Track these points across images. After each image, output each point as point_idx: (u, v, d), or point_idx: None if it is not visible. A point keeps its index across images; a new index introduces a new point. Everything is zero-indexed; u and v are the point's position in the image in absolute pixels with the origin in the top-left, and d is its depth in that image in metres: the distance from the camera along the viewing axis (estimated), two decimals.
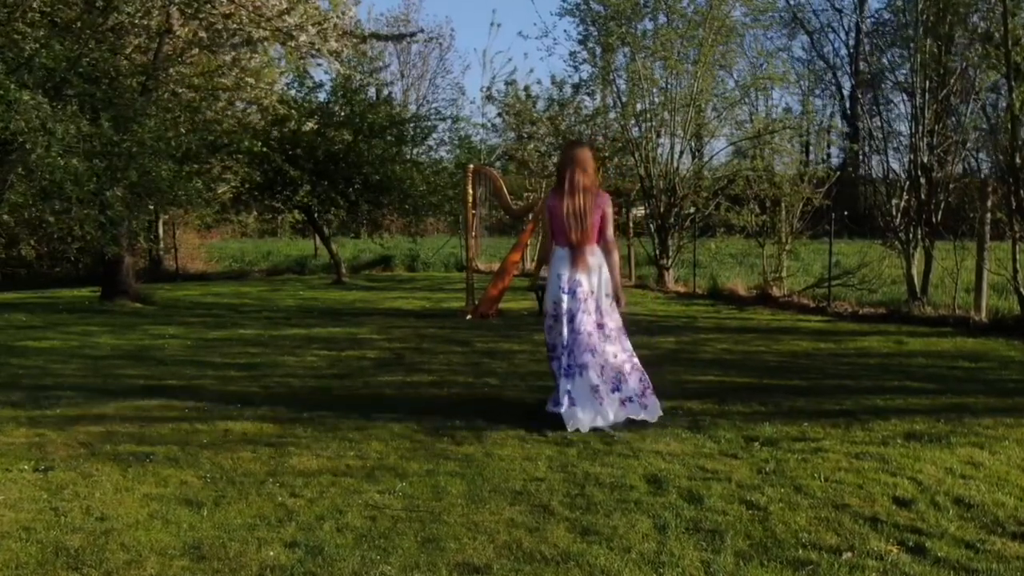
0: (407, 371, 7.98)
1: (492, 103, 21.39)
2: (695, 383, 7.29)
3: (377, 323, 11.81)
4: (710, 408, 6.31)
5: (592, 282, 5.98)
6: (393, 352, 9.17)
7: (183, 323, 11.99)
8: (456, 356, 8.88)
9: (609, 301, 6.08)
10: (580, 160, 6.03)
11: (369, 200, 19.67)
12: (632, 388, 5.97)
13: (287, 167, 18.24)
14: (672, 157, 16.61)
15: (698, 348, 9.37)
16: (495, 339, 10.14)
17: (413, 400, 6.68)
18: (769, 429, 5.62)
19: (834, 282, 13.27)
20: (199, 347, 9.75)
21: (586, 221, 5.94)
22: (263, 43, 15.52)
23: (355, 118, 19.47)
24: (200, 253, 28.85)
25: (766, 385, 7.16)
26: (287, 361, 8.71)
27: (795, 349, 9.21)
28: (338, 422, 5.97)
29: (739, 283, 15.21)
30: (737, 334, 10.44)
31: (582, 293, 5.94)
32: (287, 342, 10.06)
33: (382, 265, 25.81)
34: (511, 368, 8.12)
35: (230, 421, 6.03)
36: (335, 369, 8.22)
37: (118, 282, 14.35)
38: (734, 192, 15.97)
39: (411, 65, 52.98)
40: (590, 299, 5.97)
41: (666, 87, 16.63)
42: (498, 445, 5.30)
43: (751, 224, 15.17)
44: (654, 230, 17.20)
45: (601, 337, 5.99)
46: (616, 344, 6.06)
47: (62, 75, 9.25)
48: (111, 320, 12.44)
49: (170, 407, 6.54)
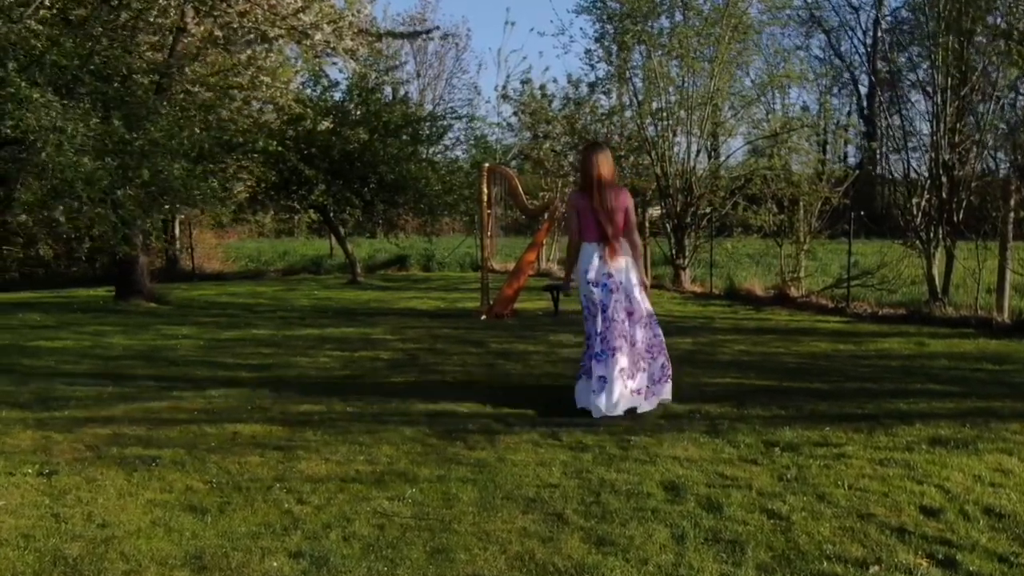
0: (420, 372, 7.86)
1: (507, 102, 21.27)
2: (713, 385, 7.14)
3: (391, 323, 11.70)
4: (729, 411, 6.16)
5: (621, 272, 6.38)
6: (407, 353, 9.06)
7: (197, 323, 11.92)
8: (470, 357, 8.76)
9: (638, 290, 6.49)
10: (602, 160, 6.43)
11: (384, 200, 19.60)
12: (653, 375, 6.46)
13: (302, 166, 18.17)
14: (689, 156, 16.45)
15: (716, 349, 9.22)
16: (510, 340, 10.01)
17: (425, 402, 6.56)
18: (790, 434, 5.48)
19: (853, 282, 13.09)
20: (212, 347, 9.66)
21: (613, 217, 6.34)
22: (278, 41, 15.46)
23: (371, 117, 19.41)
24: (217, 253, 28.87)
25: (786, 388, 7.01)
26: (300, 362, 8.61)
27: (814, 351, 9.05)
28: (349, 425, 5.85)
29: (756, 283, 15.04)
30: (755, 335, 10.28)
31: (613, 284, 6.34)
32: (300, 343, 9.96)
33: (397, 265, 25.73)
34: (526, 369, 7.99)
35: (239, 424, 5.92)
36: (348, 370, 8.11)
37: (133, 282, 14.31)
38: (751, 191, 15.80)
39: (427, 65, 53.00)
40: (620, 290, 6.36)
41: (682, 85, 16.47)
42: (511, 450, 5.17)
43: (768, 224, 15.00)
44: (670, 230, 17.04)
45: (631, 324, 6.40)
46: (647, 330, 6.51)
47: (74, 73, 9.17)
48: (125, 320, 12.38)
49: (179, 409, 6.44)
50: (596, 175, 6.38)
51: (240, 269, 26.80)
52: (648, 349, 6.49)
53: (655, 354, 6.51)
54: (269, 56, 16.23)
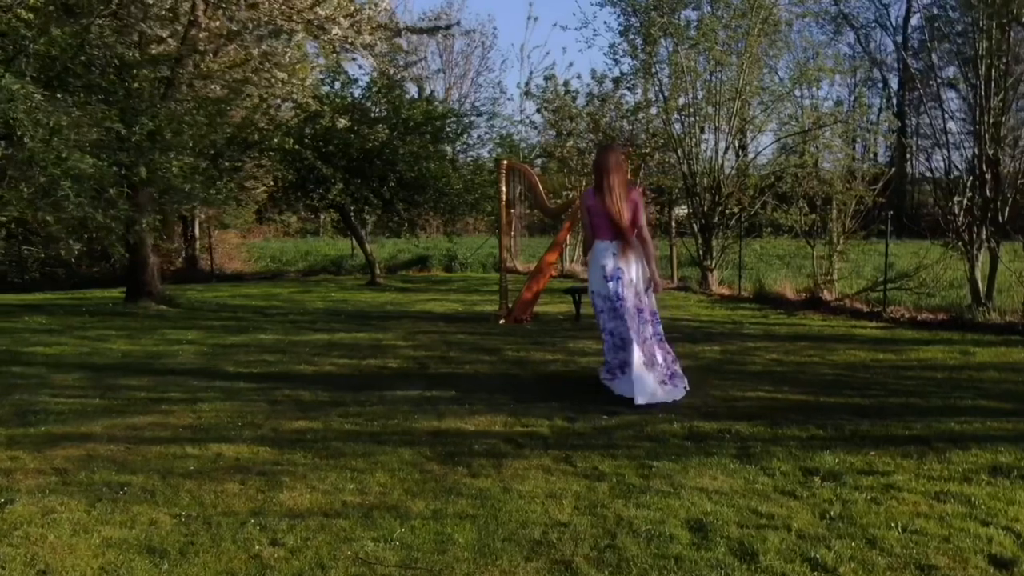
0: (428, 384, 7.34)
1: (531, 99, 20.73)
2: (744, 400, 6.58)
3: (405, 328, 11.20)
4: (761, 432, 5.60)
5: (632, 271, 6.74)
6: (416, 361, 8.53)
7: (204, 327, 11.47)
8: (483, 366, 8.23)
9: (646, 288, 6.84)
10: (613, 161, 6.77)
11: (404, 199, 19.10)
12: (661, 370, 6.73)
13: (319, 164, 17.73)
14: (716, 154, 15.85)
15: (745, 358, 8.64)
16: (527, 347, 9.48)
17: (430, 418, 6.03)
18: (830, 459, 4.91)
19: (890, 285, 12.46)
20: (214, 354, 9.19)
21: (623, 216, 6.68)
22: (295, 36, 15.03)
23: (391, 114, 18.96)
24: (239, 253, 28.58)
25: (823, 404, 6.43)
26: (302, 371, 8.11)
27: (852, 360, 8.46)
28: (343, 446, 5.34)
29: (787, 286, 14.44)
30: (787, 342, 9.70)
31: (625, 280, 6.70)
32: (306, 349, 9.47)
33: (419, 265, 25.28)
34: (541, 382, 7.44)
35: (225, 443, 5.42)
36: (352, 380, 7.60)
37: (143, 284, 13.89)
38: (781, 190, 15.18)
39: (454, 63, 52.56)
40: (630, 285, 6.72)
41: (710, 80, 15.88)
42: (519, 478, 4.64)
43: (800, 224, 14.39)
44: (697, 230, 16.46)
45: (641, 321, 6.75)
46: (650, 327, 6.84)
47: (66, 64, 8.69)
48: (131, 323, 11.95)
49: (164, 425, 5.95)
50: (607, 175, 6.70)
51: (261, 269, 26.46)
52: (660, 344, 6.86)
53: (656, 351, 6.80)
54: (287, 52, 15.81)
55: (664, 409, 6.25)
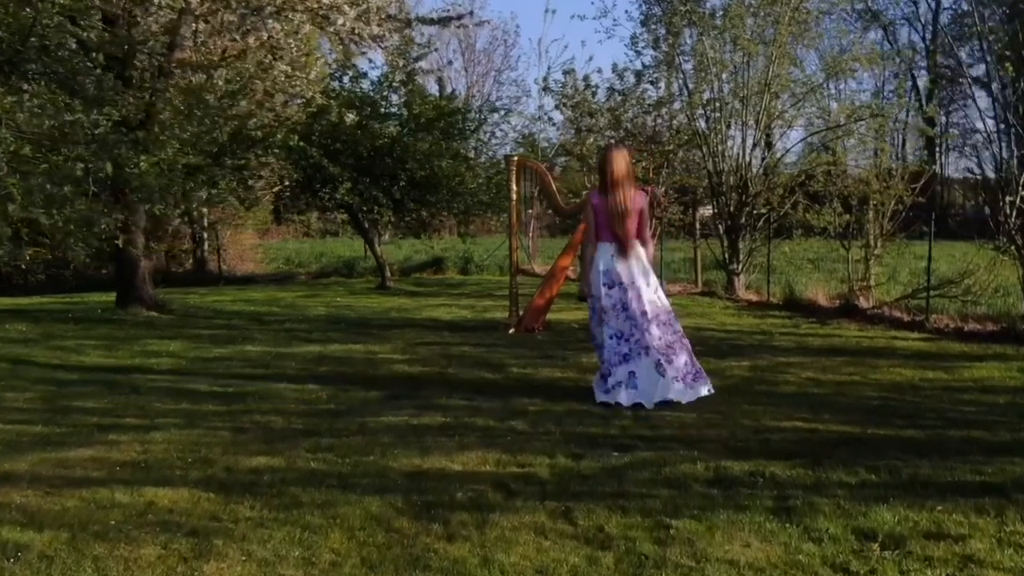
0: (418, 408, 6.47)
1: (549, 94, 19.84)
2: (778, 432, 5.67)
3: (405, 338, 10.35)
4: (801, 475, 4.70)
5: (633, 272, 6.63)
6: (409, 380, 7.64)
7: (191, 336, 10.67)
8: (483, 386, 7.35)
9: (652, 289, 6.71)
10: (619, 161, 6.65)
11: (415, 199, 18.24)
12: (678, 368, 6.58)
13: (326, 163, 16.92)
14: (744, 150, 14.91)
15: (777, 377, 7.73)
16: (535, 361, 8.60)
17: (412, 454, 5.17)
18: (889, 517, 4.01)
19: (933, 292, 11.49)
20: (190, 369, 8.37)
21: (626, 218, 6.58)
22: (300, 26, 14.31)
23: (401, 109, 18.17)
24: (254, 254, 27.93)
25: (871, 437, 5.52)
26: (282, 391, 7.26)
27: (897, 379, 7.53)
28: (301, 492, 4.48)
29: (819, 292, 13.48)
30: (823, 357, 8.76)
31: (626, 284, 6.60)
32: (293, 363, 8.64)
33: (433, 268, 24.43)
34: (546, 406, 6.54)
35: (164, 487, 4.58)
36: (333, 403, 6.76)
37: (133, 288, 13.10)
38: (813, 189, 14.22)
39: (475, 62, 51.72)
40: (632, 288, 6.60)
41: (737, 71, 14.94)
42: (504, 543, 3.76)
43: (833, 225, 13.42)
44: (723, 231, 15.53)
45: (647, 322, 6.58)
46: (663, 327, 6.67)
47: (16, 47, 7.87)
48: (115, 332, 11.17)
49: (102, 462, 5.11)
50: (612, 175, 6.59)
51: (272, 271, 25.76)
52: (669, 346, 6.64)
53: (677, 350, 6.66)
54: (292, 44, 15.07)
55: (686, 444, 5.35)
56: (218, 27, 13.69)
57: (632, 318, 6.58)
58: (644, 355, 6.52)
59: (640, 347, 6.54)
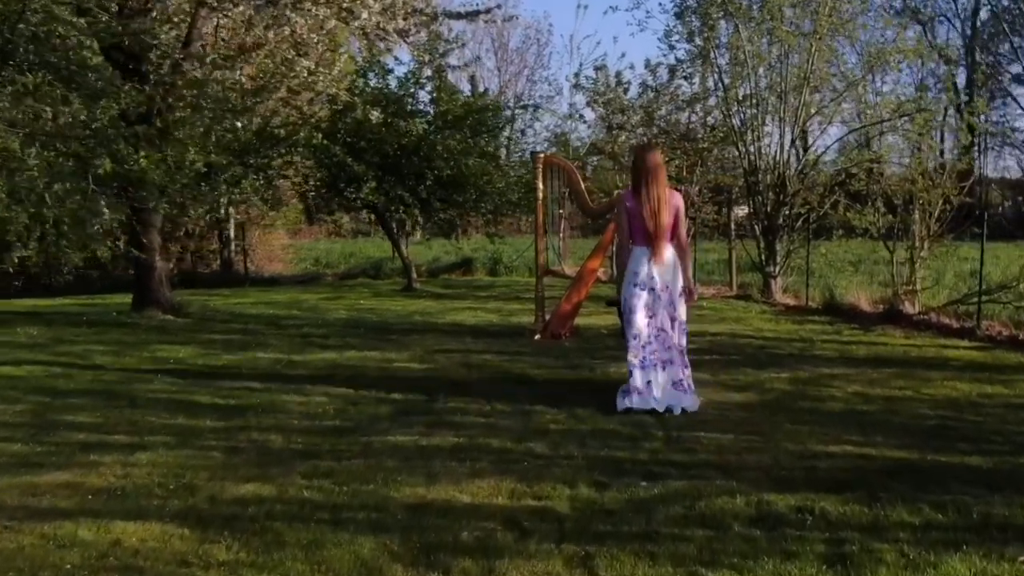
0: (429, 426, 5.95)
1: (581, 91, 19.30)
2: (826, 458, 5.09)
3: (425, 345, 9.85)
4: (856, 512, 4.13)
5: (667, 278, 6.43)
6: (424, 393, 7.11)
7: (203, 342, 10.22)
8: (502, 400, 6.80)
9: (681, 297, 6.50)
10: (653, 162, 6.45)
11: (441, 198, 17.71)
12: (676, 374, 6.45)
13: (350, 161, 16.45)
14: (782, 147, 14.27)
15: (822, 391, 7.14)
16: (559, 372, 8.06)
17: (416, 483, 4.65)
18: (962, 568, 3.45)
19: (985, 298, 10.82)
20: (195, 378, 7.90)
21: (662, 219, 6.35)
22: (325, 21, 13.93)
23: (428, 107, 17.70)
24: (284, 255, 27.61)
25: (932, 465, 4.93)
26: (287, 404, 6.77)
27: (953, 395, 6.92)
28: (287, 529, 3.98)
29: (861, 296, 12.83)
30: (870, 368, 8.16)
31: (658, 289, 6.40)
32: (305, 372, 8.15)
33: (462, 269, 23.92)
34: (569, 424, 6.01)
35: (136, 521, 4.09)
36: (340, 419, 6.26)
37: (149, 291, 12.68)
38: (855, 188, 13.55)
39: (508, 61, 51.25)
40: (665, 293, 6.41)
41: (775, 65, 14.31)
42: None
43: (876, 226, 12.76)
44: (759, 232, 14.90)
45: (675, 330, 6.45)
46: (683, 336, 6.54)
47: (6, 36, 7.42)
48: (125, 337, 10.75)
49: (75, 488, 4.64)
50: (646, 176, 6.39)
51: (299, 272, 25.38)
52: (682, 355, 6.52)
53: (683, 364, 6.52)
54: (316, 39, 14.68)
55: (723, 472, 4.79)
56: (237, 21, 13.29)
57: (660, 327, 6.44)
58: (662, 368, 6.41)
59: (659, 359, 6.41)
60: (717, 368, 8.11)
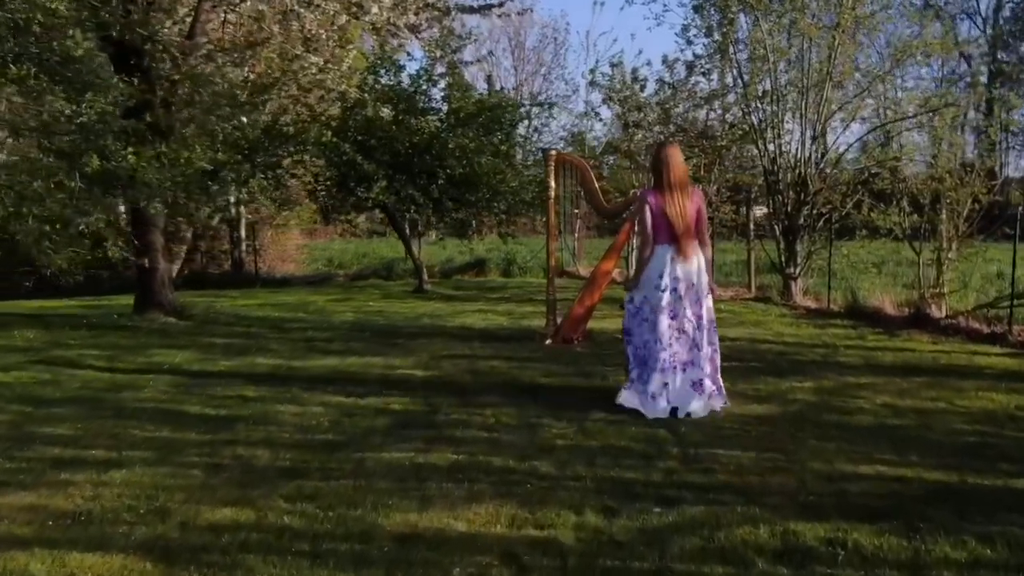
0: (428, 441, 5.55)
1: (596, 88, 18.87)
2: (857, 480, 4.66)
3: (432, 350, 9.46)
4: (893, 546, 3.71)
5: (691, 276, 6.28)
6: (425, 403, 6.72)
7: (202, 346, 9.87)
8: (507, 411, 6.41)
9: (705, 294, 6.35)
10: (675, 158, 6.34)
11: (453, 197, 17.30)
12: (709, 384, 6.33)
13: (360, 159, 16.07)
14: (803, 145, 13.80)
15: (848, 402, 6.70)
16: (570, 380, 7.65)
17: (408, 507, 4.26)
18: None
19: (1017, 301, 10.34)
20: (189, 385, 7.53)
21: (686, 216, 6.22)
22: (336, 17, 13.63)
23: (441, 104, 17.32)
24: (299, 255, 27.33)
25: (974, 489, 4.49)
26: (281, 414, 6.40)
27: (989, 407, 6.48)
28: (261, 563, 3.60)
29: (885, 299, 12.36)
30: (898, 376, 7.71)
31: (682, 289, 6.25)
32: (303, 379, 7.78)
33: (475, 270, 23.53)
34: (578, 440, 5.59)
35: (94, 553, 3.72)
36: (333, 432, 5.87)
37: (151, 293, 12.33)
38: (879, 187, 13.06)
39: (525, 60, 50.89)
40: (689, 292, 6.26)
41: (794, 62, 13.84)
42: None
43: (901, 226, 12.28)
44: (779, 232, 14.43)
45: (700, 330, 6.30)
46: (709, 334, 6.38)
47: None
48: (122, 340, 10.41)
49: (37, 511, 4.27)
50: (668, 173, 6.26)
51: (312, 272, 25.06)
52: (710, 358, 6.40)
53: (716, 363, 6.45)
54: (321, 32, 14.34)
55: (745, 496, 4.38)
56: (245, 16, 12.98)
57: (681, 327, 6.30)
58: (682, 370, 6.28)
59: (678, 361, 6.28)
60: (736, 376, 7.68)
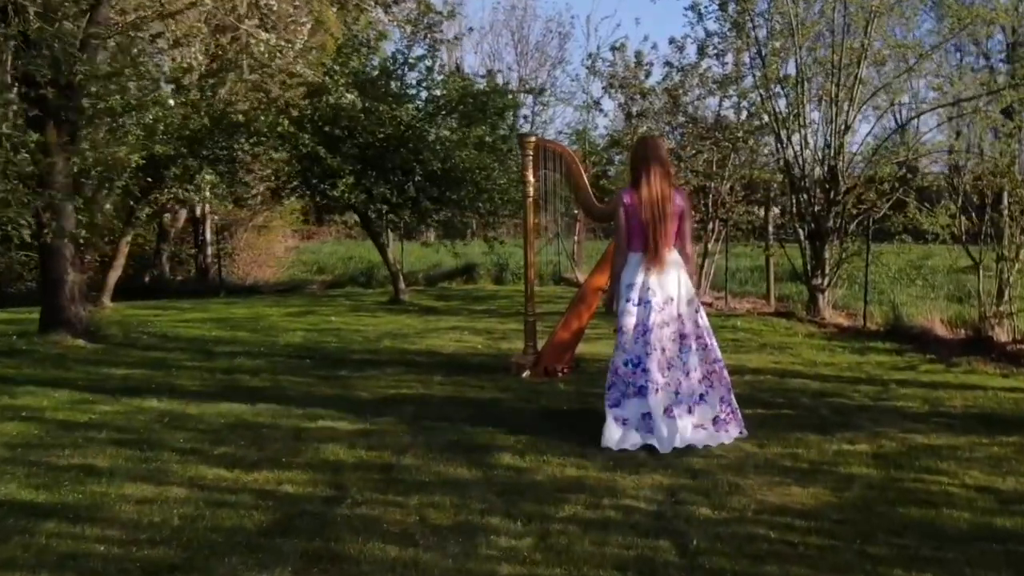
0: (306, 561, 3.58)
1: (596, 77, 16.97)
2: None
3: (377, 386, 7.52)
4: None
5: (668, 288, 5.56)
6: (331, 485, 4.70)
7: (94, 379, 7.92)
8: (442, 499, 4.41)
9: (691, 307, 5.63)
10: (656, 155, 5.68)
11: (432, 196, 15.29)
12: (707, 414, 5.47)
13: (322, 152, 14.12)
14: (834, 136, 11.81)
15: (927, 482, 4.71)
16: (545, 440, 5.58)
17: None
18: None
19: None
20: (30, 446, 5.57)
21: (665, 220, 5.55)
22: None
23: (419, 91, 15.43)
24: (285, 258, 25.62)
25: None
26: (113, 505, 4.41)
27: None
28: None
29: (935, 316, 10.38)
30: (980, 432, 5.75)
31: (656, 303, 5.51)
32: (186, 434, 5.81)
33: (464, 276, 21.55)
34: (535, 563, 3.60)
35: None
36: (177, 540, 3.87)
37: (58, 309, 10.32)
38: (927, 184, 11.09)
39: (528, 56, 49.33)
40: (668, 307, 5.54)
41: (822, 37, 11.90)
42: None
43: (954, 229, 10.31)
44: (804, 236, 12.46)
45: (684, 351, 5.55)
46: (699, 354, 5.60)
47: None
48: (3, 369, 8.48)
49: None
50: (647, 169, 5.58)
51: (286, 279, 23.19)
52: (706, 376, 5.57)
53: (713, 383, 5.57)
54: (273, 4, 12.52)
55: None
56: None
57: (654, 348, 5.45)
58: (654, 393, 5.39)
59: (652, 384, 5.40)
60: (765, 431, 5.73)
